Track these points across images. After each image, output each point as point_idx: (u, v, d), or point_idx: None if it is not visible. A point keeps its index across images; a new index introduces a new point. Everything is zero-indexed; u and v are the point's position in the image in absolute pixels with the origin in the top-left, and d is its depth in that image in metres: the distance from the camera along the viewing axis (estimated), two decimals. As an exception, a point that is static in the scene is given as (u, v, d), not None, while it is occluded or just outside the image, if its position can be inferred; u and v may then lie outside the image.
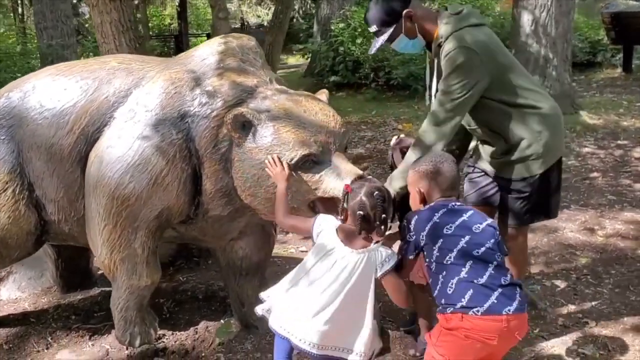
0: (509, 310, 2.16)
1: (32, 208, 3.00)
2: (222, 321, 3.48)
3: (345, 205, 2.36)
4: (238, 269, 3.26)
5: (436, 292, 2.30)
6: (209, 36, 23.99)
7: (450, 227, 2.28)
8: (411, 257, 2.37)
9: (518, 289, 2.26)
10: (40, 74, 3.11)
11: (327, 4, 12.59)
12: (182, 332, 3.42)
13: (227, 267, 3.29)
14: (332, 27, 11.55)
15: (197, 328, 3.45)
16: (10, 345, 3.36)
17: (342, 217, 2.40)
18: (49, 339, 3.40)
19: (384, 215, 2.31)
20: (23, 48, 11.72)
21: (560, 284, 3.69)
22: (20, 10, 19.83)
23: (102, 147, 2.79)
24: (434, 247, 2.28)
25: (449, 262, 2.24)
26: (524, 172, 2.91)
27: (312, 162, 2.60)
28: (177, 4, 23.98)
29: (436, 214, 2.32)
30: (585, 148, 6.28)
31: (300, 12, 21.14)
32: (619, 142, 6.40)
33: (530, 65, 6.99)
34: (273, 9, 19.53)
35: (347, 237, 2.36)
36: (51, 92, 2.94)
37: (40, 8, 10.52)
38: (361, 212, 2.28)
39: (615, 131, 6.67)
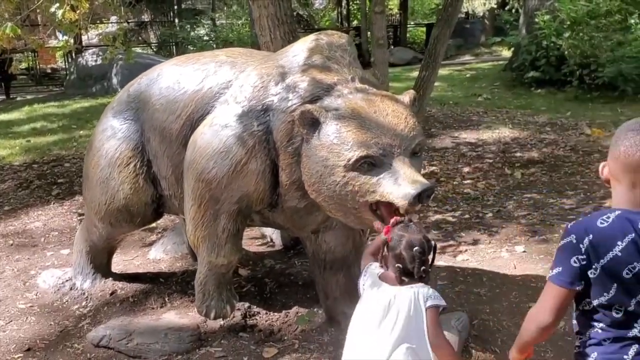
0: None
1: (149, 182, 3.41)
2: (313, 310, 3.58)
3: (385, 252, 2.30)
4: (322, 262, 3.33)
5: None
6: (427, 26, 23.93)
7: (635, 267, 1.67)
8: (571, 286, 1.74)
9: None
10: (167, 63, 3.50)
11: (537, -6, 11.72)
12: (275, 313, 3.59)
13: (312, 259, 3.37)
14: (537, 20, 10.74)
15: (289, 312, 3.60)
16: (135, 299, 3.86)
17: (382, 265, 2.34)
18: (166, 299, 3.84)
19: (423, 268, 2.23)
20: (239, 38, 13.01)
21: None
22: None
23: (197, 133, 3.05)
24: (608, 290, 1.71)
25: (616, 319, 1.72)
26: None
27: (370, 164, 2.54)
28: (400, -7, 24.28)
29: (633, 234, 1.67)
30: None
31: (521, 1, 19.84)
32: None
33: None
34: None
35: (389, 282, 2.30)
36: (169, 80, 3.29)
37: None
38: (400, 265, 2.22)
39: None
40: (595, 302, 1.73)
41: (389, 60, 18.59)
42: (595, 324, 1.76)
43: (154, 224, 4.68)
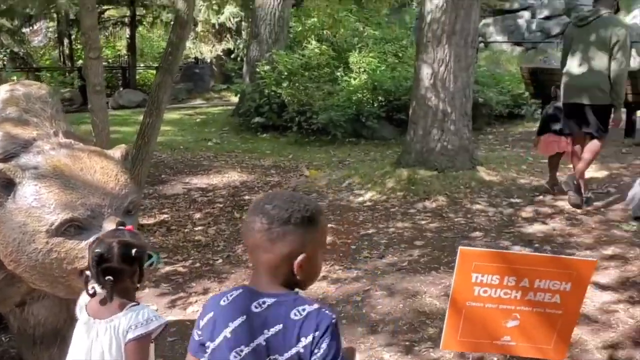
0: None
1: None
2: (23, 393, 3.14)
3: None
4: (31, 337, 2.95)
5: None
6: (156, 69, 23.78)
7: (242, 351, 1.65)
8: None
9: None
10: None
11: (257, 45, 12.53)
12: (-25, 405, 3.08)
13: (19, 334, 2.97)
14: (258, 69, 11.47)
15: (-7, 401, 3.11)
16: None
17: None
18: None
19: (108, 278, 1.97)
20: None
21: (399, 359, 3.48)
22: None
23: None
24: None
25: None
26: None
27: (77, 228, 2.34)
28: (127, 35, 23.71)
29: None
30: (476, 205, 6.19)
31: (244, 51, 21.05)
32: (511, 200, 6.33)
33: (429, 119, 6.96)
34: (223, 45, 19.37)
35: (96, 307, 2.07)
36: None
37: None
38: (87, 274, 2.01)
39: (509, 189, 6.60)
40: None
41: (118, 102, 17.83)
42: None
43: None
